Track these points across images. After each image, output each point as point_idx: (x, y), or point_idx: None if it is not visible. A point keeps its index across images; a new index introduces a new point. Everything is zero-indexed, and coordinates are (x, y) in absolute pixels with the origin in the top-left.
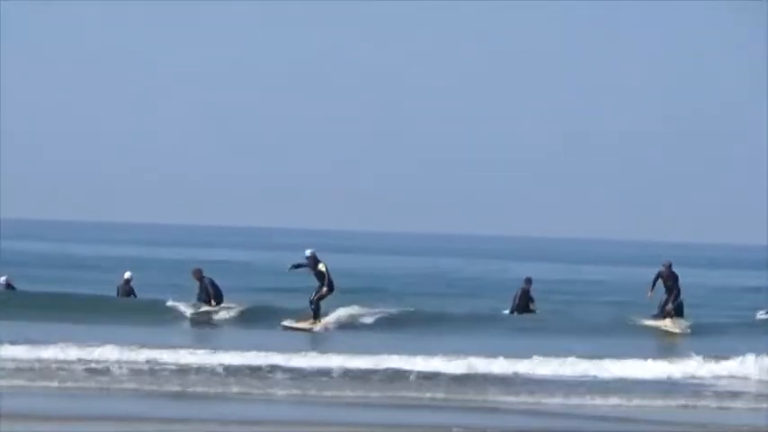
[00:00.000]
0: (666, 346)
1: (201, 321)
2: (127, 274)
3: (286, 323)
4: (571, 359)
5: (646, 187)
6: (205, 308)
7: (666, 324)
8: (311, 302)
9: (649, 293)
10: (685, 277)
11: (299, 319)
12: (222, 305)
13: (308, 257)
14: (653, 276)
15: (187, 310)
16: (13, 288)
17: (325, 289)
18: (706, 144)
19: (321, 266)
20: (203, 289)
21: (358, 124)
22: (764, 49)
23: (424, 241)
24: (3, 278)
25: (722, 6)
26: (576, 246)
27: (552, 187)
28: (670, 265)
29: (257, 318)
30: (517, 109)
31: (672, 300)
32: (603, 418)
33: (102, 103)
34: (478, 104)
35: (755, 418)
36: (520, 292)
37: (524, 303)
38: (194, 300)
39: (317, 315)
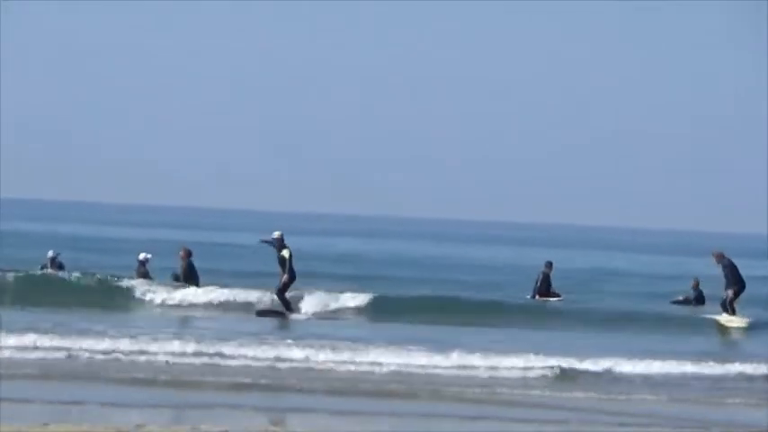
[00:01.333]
0: (732, 342)
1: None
2: (142, 256)
3: (259, 309)
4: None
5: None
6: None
7: (731, 319)
8: (277, 296)
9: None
10: (698, 267)
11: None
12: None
13: (274, 239)
14: (720, 271)
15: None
16: (61, 267)
17: (286, 277)
18: (707, 142)
19: (285, 252)
20: (181, 268)
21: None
22: (765, 48)
23: (439, 227)
24: (51, 252)
25: (722, 6)
26: (576, 233)
27: (552, 182)
28: (721, 255)
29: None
30: (516, 106)
31: (736, 290)
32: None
33: (103, 98)
34: (479, 103)
35: None
36: (541, 276)
37: (545, 287)
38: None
39: (287, 307)
